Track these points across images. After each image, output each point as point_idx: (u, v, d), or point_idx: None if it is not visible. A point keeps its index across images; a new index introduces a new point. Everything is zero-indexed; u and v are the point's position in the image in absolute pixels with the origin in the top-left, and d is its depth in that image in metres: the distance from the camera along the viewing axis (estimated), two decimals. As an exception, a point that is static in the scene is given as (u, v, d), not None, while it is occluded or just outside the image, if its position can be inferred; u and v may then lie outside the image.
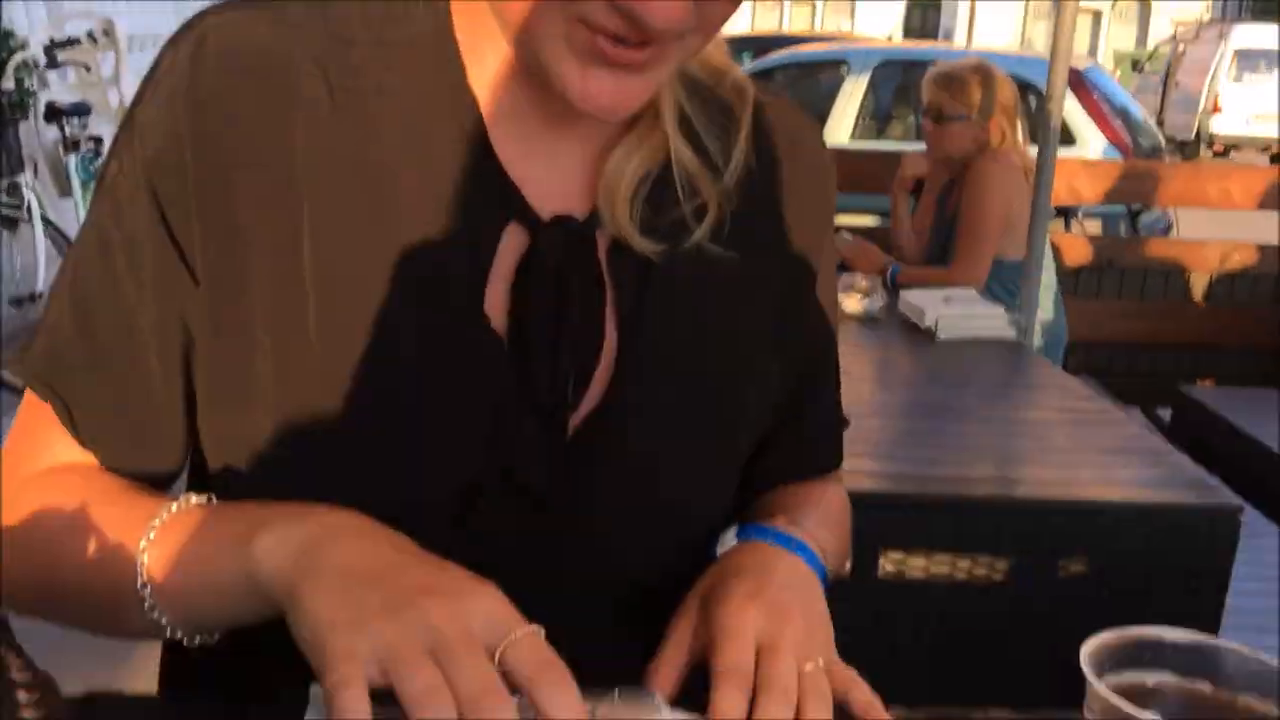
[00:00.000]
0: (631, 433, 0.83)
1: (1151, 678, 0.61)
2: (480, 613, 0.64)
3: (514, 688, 0.61)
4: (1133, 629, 0.63)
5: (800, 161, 0.93)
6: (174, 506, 0.76)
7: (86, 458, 0.82)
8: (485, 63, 0.79)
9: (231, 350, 0.79)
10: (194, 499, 0.77)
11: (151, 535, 0.75)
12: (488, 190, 0.79)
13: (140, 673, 0.87)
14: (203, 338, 0.80)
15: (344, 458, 0.78)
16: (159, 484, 0.84)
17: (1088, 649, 0.60)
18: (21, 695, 0.57)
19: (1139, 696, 0.58)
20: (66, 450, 0.82)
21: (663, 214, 0.83)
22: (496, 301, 0.80)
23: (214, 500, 0.78)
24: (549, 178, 0.82)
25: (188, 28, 0.78)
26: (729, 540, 0.87)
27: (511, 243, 0.80)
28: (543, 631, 0.64)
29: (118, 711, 0.65)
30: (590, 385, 0.82)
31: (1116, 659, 0.61)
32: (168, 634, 0.76)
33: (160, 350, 0.80)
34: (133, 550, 0.75)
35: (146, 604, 0.74)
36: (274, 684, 0.74)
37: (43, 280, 5.30)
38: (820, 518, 0.91)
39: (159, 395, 0.81)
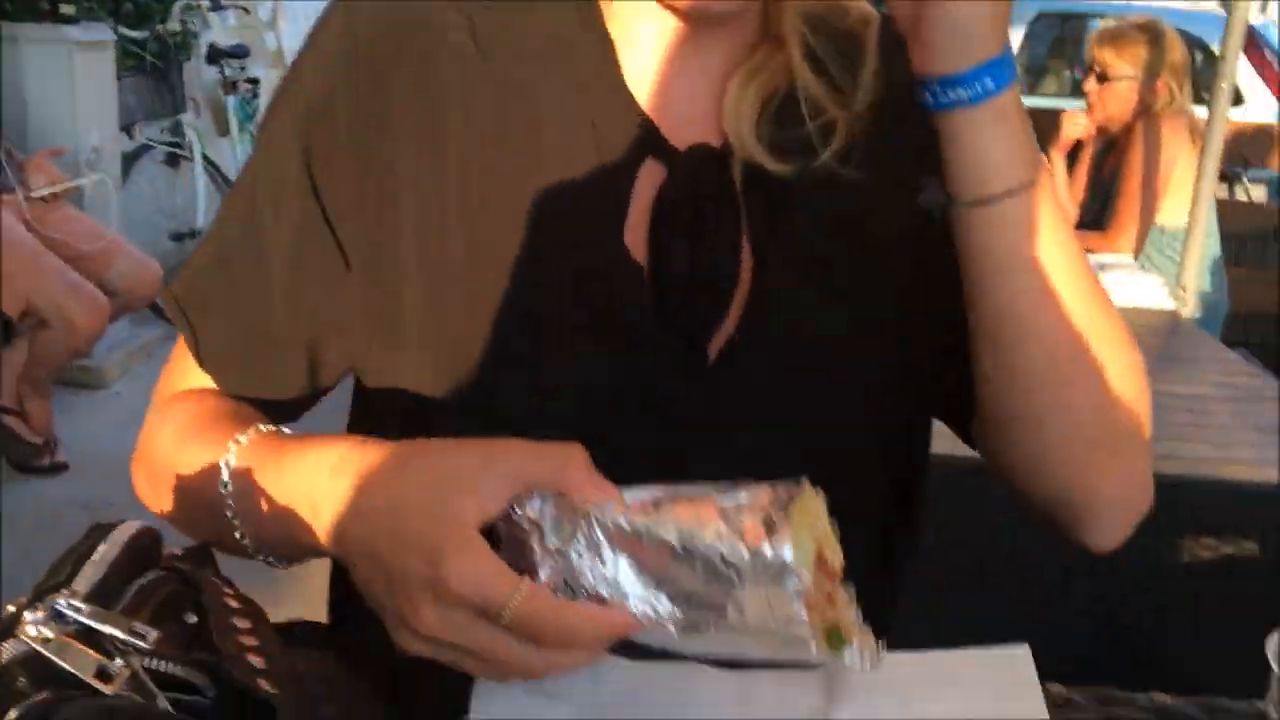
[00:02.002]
0: (770, 359, 0.85)
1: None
2: (463, 580, 0.62)
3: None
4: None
5: None
6: (247, 435, 0.79)
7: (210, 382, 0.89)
8: (617, 6, 0.83)
9: (382, 287, 0.84)
10: (264, 429, 0.80)
11: (231, 461, 0.77)
12: (625, 126, 0.83)
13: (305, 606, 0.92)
14: (355, 276, 0.85)
15: (491, 388, 0.82)
16: (279, 413, 0.88)
17: (1276, 640, 0.59)
18: (239, 622, 0.61)
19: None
20: (199, 375, 0.89)
21: (788, 131, 0.84)
22: (637, 233, 0.83)
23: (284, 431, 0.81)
24: (681, 110, 0.85)
25: None
26: None
27: (649, 175, 0.84)
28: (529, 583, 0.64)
29: (316, 638, 0.69)
30: (729, 311, 0.84)
31: (1306, 654, 0.60)
32: (256, 555, 0.79)
33: (288, 290, 0.86)
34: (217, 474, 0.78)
35: (235, 529, 0.77)
36: None
37: (202, 216, 5.52)
38: None
39: (279, 330, 0.87)
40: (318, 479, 0.71)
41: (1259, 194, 5.51)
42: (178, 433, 0.86)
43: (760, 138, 0.83)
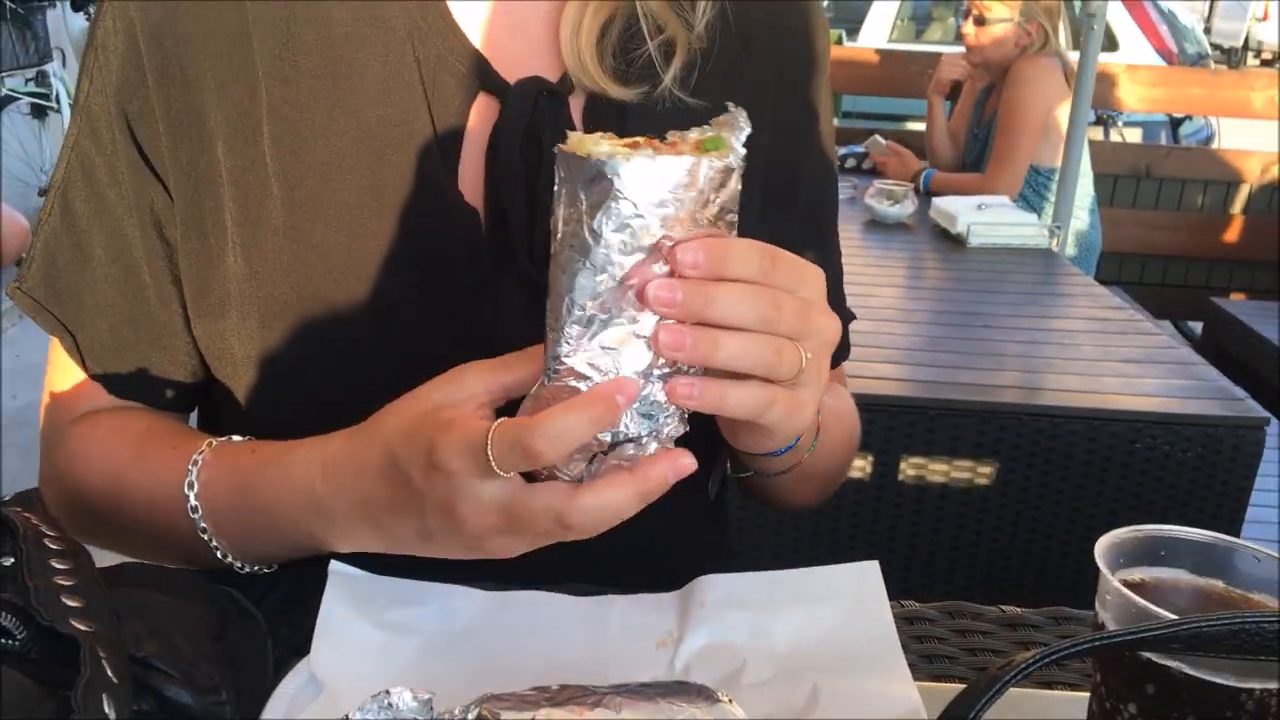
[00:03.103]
0: None
1: (1165, 574, 0.61)
2: (454, 456, 0.63)
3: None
4: (1147, 527, 0.63)
5: (783, 11, 0.90)
6: (201, 455, 0.78)
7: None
8: None
9: (207, 252, 0.80)
10: (214, 441, 0.79)
11: (193, 480, 0.77)
12: (452, 64, 0.80)
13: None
14: (182, 246, 0.81)
15: (322, 342, 0.79)
16: (178, 403, 0.86)
17: (1103, 544, 0.60)
18: (56, 563, 0.59)
19: (1151, 592, 0.59)
20: (92, 387, 0.84)
21: (631, 56, 0.81)
22: (472, 175, 0.80)
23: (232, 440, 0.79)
24: (516, 45, 0.82)
25: None
26: None
27: (482, 111, 0.80)
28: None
29: (146, 578, 0.67)
30: None
31: (1131, 555, 0.61)
32: (237, 567, 0.79)
33: (151, 268, 0.82)
34: (180, 497, 0.77)
35: (211, 545, 0.78)
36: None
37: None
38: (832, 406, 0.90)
39: (158, 315, 0.83)
40: (311, 489, 0.72)
41: (1134, 136, 5.66)
42: (106, 474, 0.82)
43: (603, 64, 0.80)
